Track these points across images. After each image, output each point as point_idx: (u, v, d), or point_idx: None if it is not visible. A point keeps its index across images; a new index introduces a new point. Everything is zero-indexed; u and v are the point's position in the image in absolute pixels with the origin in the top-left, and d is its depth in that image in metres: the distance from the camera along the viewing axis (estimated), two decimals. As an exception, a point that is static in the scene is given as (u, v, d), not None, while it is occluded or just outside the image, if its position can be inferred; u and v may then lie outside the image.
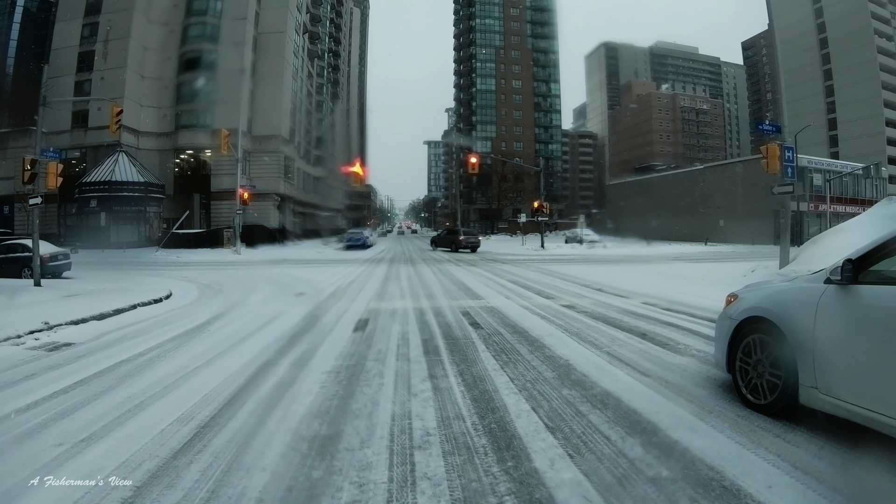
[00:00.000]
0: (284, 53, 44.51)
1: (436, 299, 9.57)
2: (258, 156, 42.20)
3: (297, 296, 10.37)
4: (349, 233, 36.84)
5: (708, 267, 17.92)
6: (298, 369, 4.74)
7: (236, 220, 26.13)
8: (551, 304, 8.91)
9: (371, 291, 10.92)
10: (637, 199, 58.10)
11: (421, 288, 11.59)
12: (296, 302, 9.44)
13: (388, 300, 9.52)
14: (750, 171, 44.49)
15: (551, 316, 7.68)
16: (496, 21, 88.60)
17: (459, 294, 10.41)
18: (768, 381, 3.37)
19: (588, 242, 34.35)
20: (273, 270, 16.93)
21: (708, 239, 42.29)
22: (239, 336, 6.37)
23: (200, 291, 11.77)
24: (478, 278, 13.87)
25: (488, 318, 7.58)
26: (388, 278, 13.85)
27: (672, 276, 14.32)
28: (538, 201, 31.61)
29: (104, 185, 33.86)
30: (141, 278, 14.67)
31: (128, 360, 5.17)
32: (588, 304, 8.96)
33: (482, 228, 73.43)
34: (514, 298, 9.67)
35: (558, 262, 21.70)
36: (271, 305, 9.11)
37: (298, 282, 13.23)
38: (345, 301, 9.40)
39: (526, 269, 17.01)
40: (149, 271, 17.68)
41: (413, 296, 10.19)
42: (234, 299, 10.23)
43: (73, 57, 39.34)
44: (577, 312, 8.02)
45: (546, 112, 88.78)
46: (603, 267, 18.84)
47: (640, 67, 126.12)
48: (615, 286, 11.66)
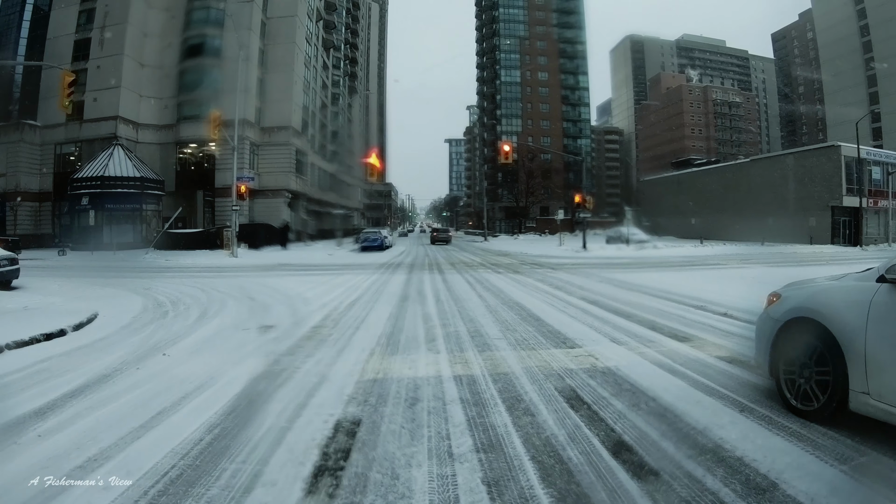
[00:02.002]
0: (295, 39, 41.06)
1: (492, 348, 5.49)
2: (267, 148, 38.85)
3: (263, 331, 6.52)
4: (365, 232, 33.02)
5: (798, 272, 14.03)
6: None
7: (233, 218, 22.51)
8: (705, 358, 4.90)
9: (378, 325, 6.92)
10: (674, 196, 54.06)
11: (459, 316, 7.53)
12: (251, 348, 5.60)
13: (404, 351, 5.44)
14: (803, 164, 40.39)
15: (753, 403, 3.66)
16: (520, 10, 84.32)
17: (527, 331, 6.33)
18: (815, 385, 3.22)
19: (636, 243, 29.96)
20: (262, 280, 13.19)
21: (765, 239, 37.76)
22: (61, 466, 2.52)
23: (138, 315, 8.18)
24: (534, 294, 9.86)
25: (633, 417, 3.47)
26: (406, 296, 9.87)
27: (779, 284, 10.19)
28: (580, 195, 27.33)
29: (96, 182, 30.69)
30: (99, 290, 11.44)
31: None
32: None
33: (509, 227, 69.43)
34: (627, 342, 5.63)
35: (613, 266, 17.62)
36: (206, 356, 5.29)
37: (282, 300, 9.42)
38: (329, 350, 5.45)
39: (585, 279, 12.97)
40: (118, 279, 14.25)
41: (449, 338, 6.06)
42: (169, 334, 6.54)
43: (68, 46, 36.49)
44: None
45: (574, 105, 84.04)
46: (677, 273, 15.05)
47: (667, 61, 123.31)
48: (731, 304, 7.95)
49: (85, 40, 36.35)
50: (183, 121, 36.55)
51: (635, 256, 24.05)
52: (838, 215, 38.54)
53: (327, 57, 55.60)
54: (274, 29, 40.29)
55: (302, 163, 43.54)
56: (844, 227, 38.62)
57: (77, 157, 35.38)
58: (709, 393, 3.86)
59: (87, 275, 15.90)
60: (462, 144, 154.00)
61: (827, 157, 39.16)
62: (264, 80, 39.54)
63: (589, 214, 28.23)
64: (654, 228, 51.33)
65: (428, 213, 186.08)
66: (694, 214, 48.93)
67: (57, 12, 37.11)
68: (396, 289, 10.95)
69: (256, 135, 38.45)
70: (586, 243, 28.53)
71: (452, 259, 22.17)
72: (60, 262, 22.69)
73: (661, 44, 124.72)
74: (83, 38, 36.37)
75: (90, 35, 36.19)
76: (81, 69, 35.96)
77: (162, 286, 12.24)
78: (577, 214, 27.30)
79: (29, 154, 35.02)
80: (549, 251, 27.58)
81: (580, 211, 27.07)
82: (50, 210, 35.16)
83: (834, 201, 38.14)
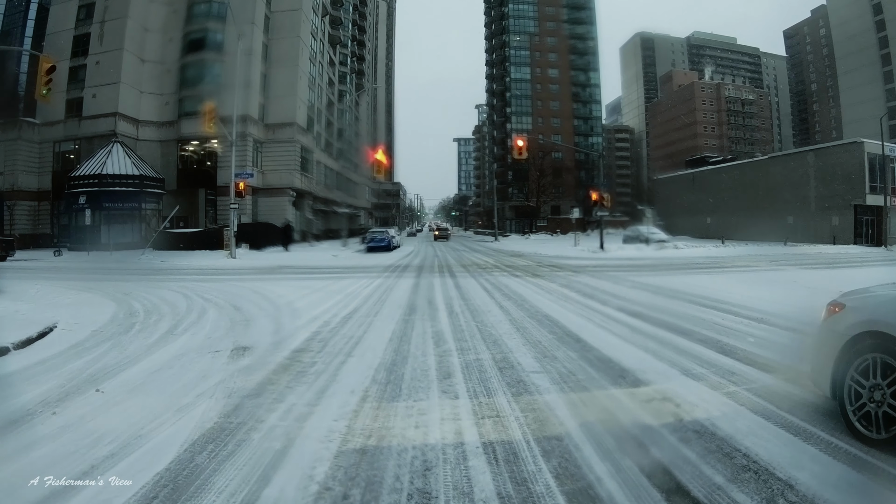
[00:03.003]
0: (300, 33, 39.84)
1: (530, 388, 4.02)
2: (271, 146, 37.68)
3: (234, 356, 5.18)
4: (371, 232, 31.66)
5: (836, 275, 13.65)
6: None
7: (231, 217, 21.27)
8: (814, 400, 3.52)
9: (376, 349, 5.45)
10: (689, 194, 52.48)
11: (479, 336, 6.07)
12: (211, 383, 4.26)
13: (409, 393, 3.95)
14: (824, 161, 38.79)
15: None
16: (530, 6, 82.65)
17: (570, 359, 4.89)
18: (888, 411, 2.77)
19: (656, 242, 28.41)
20: (255, 285, 11.90)
21: (787, 238, 36.24)
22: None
23: (100, 328, 7.02)
24: (563, 304, 8.46)
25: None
26: (413, 306, 8.44)
27: (831, 290, 8.88)
28: (597, 192, 25.82)
29: (93, 180, 29.62)
30: (76, 295, 10.35)
31: None
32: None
33: (519, 227, 67.90)
34: (704, 375, 4.24)
35: (638, 268, 16.21)
36: (150, 395, 4.00)
37: (269, 311, 8.12)
38: (307, 389, 4.05)
39: (614, 284, 11.57)
40: (104, 282, 13.14)
41: (470, 371, 4.54)
42: (120, 357, 5.32)
43: (68, 41, 35.53)
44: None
45: (585, 103, 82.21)
46: (710, 276, 13.73)
47: (678, 59, 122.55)
48: (791, 316, 6.75)
49: (84, 35, 35.41)
50: (184, 117, 35.37)
51: (657, 257, 22.59)
52: (861, 214, 36.97)
53: (333, 53, 54.38)
54: (278, 23, 39.13)
55: (307, 161, 42.37)
56: (867, 227, 37.03)
57: (76, 155, 34.40)
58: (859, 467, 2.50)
59: (75, 277, 14.85)
60: (471, 143, 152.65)
61: (850, 154, 37.55)
62: (268, 75, 38.42)
63: (607, 213, 26.78)
64: (668, 228, 49.73)
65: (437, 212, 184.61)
66: (710, 213, 47.42)
67: (56, 7, 36.17)
68: (402, 297, 9.56)
69: (260, 131, 37.30)
70: (603, 243, 27.05)
71: (464, 260, 20.79)
72: (53, 264, 21.63)
73: (671, 41, 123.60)
74: (83, 33, 35.42)
75: (90, 30, 35.22)
76: (81, 65, 35.11)
77: (144, 291, 11.04)
78: (595, 213, 25.77)
79: (27, 152, 34.10)
80: (565, 252, 26.12)
81: (597, 209, 25.56)
82: (49, 209, 34.19)
83: (857, 200, 36.57)
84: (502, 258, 22.14)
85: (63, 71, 35.09)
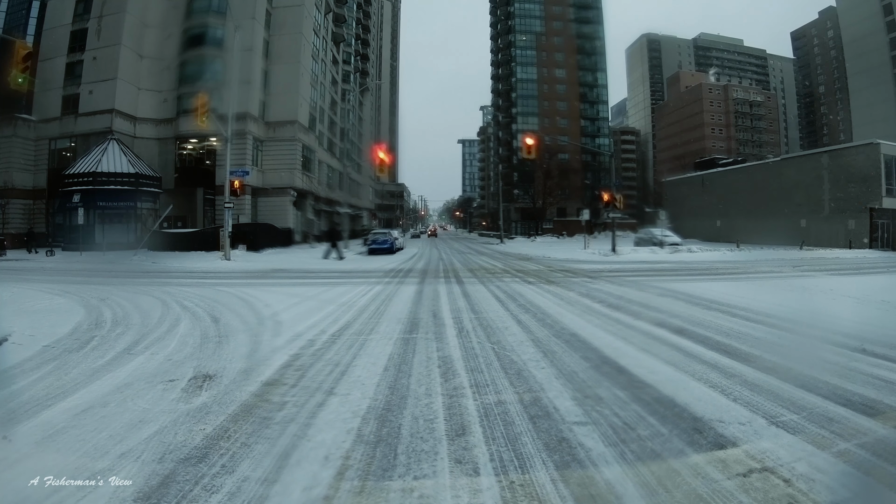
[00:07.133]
0: (302, 29, 38.88)
1: (579, 457, 2.82)
2: (272, 144, 36.71)
3: (191, 389, 4.11)
4: (373, 234, 30.58)
5: (867, 281, 12.90)
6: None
7: (226, 217, 20.24)
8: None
9: (366, 386, 4.21)
10: (698, 197, 51.23)
11: (499, 366, 4.82)
12: (148, 432, 3.19)
13: (406, 467, 2.72)
14: (838, 163, 37.56)
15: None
16: (536, 5, 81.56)
17: (621, 402, 3.74)
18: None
19: (670, 245, 27.26)
20: (243, 290, 10.86)
21: (803, 242, 35.18)
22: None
23: (55, 342, 6.03)
24: (590, 318, 7.35)
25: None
26: (415, 322, 7.22)
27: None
28: (608, 193, 24.68)
29: (88, 178, 28.73)
30: (50, 300, 9.51)
31: None
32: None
33: (525, 229, 66.80)
34: (800, 426, 3.11)
35: (657, 273, 15.15)
36: (58, 451, 2.94)
37: (249, 325, 7.06)
38: (268, 451, 2.99)
39: (640, 291, 10.46)
40: (85, 285, 12.17)
41: (492, 425, 3.30)
42: (56, 385, 4.29)
43: (65, 36, 34.71)
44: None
45: (592, 103, 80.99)
46: (737, 283, 12.69)
47: (684, 60, 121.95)
48: (851, 332, 5.68)
49: (82, 31, 34.54)
50: (183, 115, 34.37)
51: (674, 261, 21.46)
52: (877, 218, 35.78)
53: (337, 51, 53.45)
54: (280, 18, 38.18)
55: (309, 160, 41.40)
56: (883, 231, 35.84)
57: (73, 152, 33.53)
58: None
59: (59, 279, 13.94)
60: (475, 145, 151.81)
61: (865, 156, 36.32)
62: (269, 72, 37.48)
63: (619, 214, 25.64)
64: (677, 230, 48.55)
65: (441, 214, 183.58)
66: (720, 216, 46.29)
67: (54, 2, 35.33)
68: (403, 309, 8.42)
69: (260, 129, 36.34)
70: (615, 246, 25.92)
71: (471, 264, 19.68)
72: (42, 264, 20.70)
73: (677, 42, 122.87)
74: (80, 28, 34.55)
75: (87, 25, 34.36)
76: (78, 61, 34.24)
77: (123, 296, 10.04)
78: (606, 214, 24.63)
79: (22, 149, 33.25)
80: (575, 255, 25.01)
81: (609, 211, 24.42)
82: (44, 208, 33.30)
83: (872, 203, 35.38)
84: (510, 262, 21.02)
85: (60, 67, 34.37)
